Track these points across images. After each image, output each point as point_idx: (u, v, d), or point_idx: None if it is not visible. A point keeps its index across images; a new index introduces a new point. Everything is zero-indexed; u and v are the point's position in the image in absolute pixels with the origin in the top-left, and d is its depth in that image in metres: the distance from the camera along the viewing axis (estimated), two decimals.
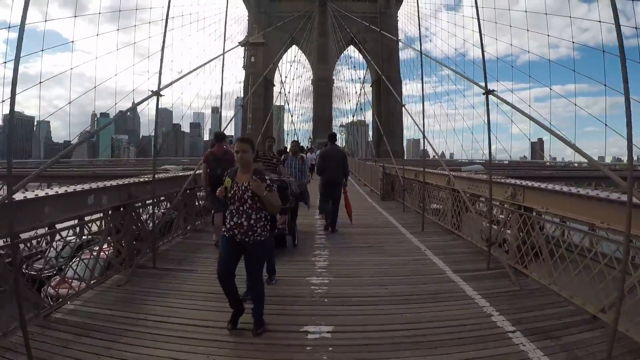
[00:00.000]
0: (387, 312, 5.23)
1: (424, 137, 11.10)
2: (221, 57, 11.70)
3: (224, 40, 12.36)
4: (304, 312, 5.24)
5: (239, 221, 4.51)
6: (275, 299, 5.49)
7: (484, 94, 6.83)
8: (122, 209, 7.07)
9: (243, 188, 4.54)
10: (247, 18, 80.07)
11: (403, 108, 16.26)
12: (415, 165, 16.77)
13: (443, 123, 63.69)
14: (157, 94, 7.23)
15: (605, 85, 22.99)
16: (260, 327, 4.60)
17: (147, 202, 8.33)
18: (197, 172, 9.65)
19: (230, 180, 4.62)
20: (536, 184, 6.60)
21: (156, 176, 8.30)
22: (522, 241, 6.74)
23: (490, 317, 4.99)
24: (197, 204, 11.18)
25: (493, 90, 6.81)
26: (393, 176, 16.98)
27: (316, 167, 11.21)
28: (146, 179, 8.19)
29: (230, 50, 12.68)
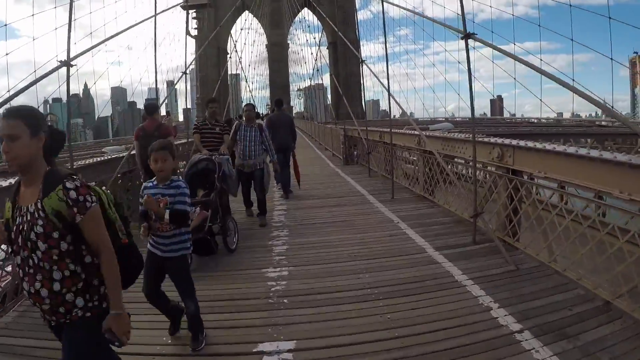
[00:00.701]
0: (364, 313, 4.15)
1: (389, 94, 9.77)
2: (156, 20, 10.42)
3: None
4: (258, 321, 4.10)
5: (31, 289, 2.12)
6: (223, 303, 4.46)
7: (462, 38, 5.77)
8: None
9: (28, 217, 2.10)
10: None
11: (361, 68, 15.15)
12: (379, 125, 15.82)
13: (403, 83, 62.93)
14: (66, 64, 5.89)
15: (572, 40, 22.36)
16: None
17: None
18: (132, 152, 8.46)
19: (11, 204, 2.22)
20: (529, 144, 5.56)
21: (86, 161, 8.00)
22: (513, 210, 5.79)
23: (490, 312, 4.01)
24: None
25: (473, 34, 5.74)
26: (356, 139, 15.94)
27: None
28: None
29: (164, 11, 10.96)
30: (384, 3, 9.87)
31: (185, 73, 12.20)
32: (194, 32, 15.53)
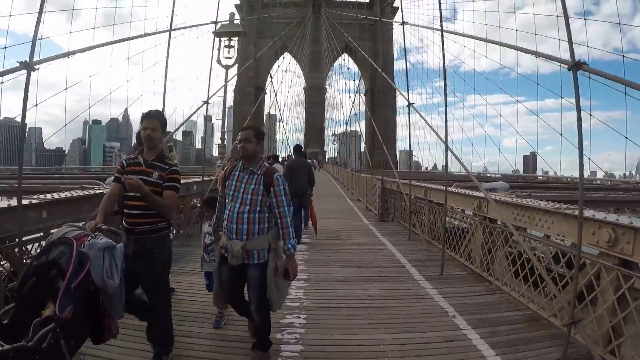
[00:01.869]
0: None
1: (447, 147, 7.78)
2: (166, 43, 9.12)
3: (171, 19, 9.25)
4: None
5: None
6: None
7: (569, 68, 4.05)
8: None
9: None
10: (240, 23, 77.64)
11: (397, 118, 14.09)
12: (419, 178, 14.04)
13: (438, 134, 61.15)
14: (29, 66, 4.25)
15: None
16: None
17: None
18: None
19: None
20: None
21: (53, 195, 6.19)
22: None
23: None
24: None
25: (583, 62, 4.00)
26: (393, 192, 14.26)
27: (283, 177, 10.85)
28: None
29: (189, 28, 10.11)
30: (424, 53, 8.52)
31: (207, 102, 10.94)
32: (226, 62, 14.66)
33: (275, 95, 64.82)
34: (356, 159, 77.07)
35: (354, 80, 70.09)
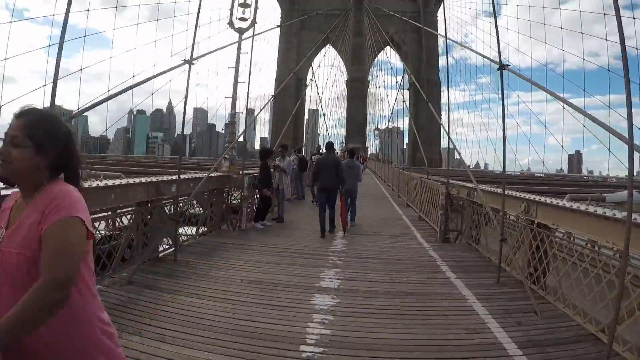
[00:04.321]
0: None
1: (504, 143, 5.75)
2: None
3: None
4: None
5: None
6: None
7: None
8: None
9: None
10: (280, 15, 76.08)
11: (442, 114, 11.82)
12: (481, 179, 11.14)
13: (481, 131, 58.36)
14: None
15: None
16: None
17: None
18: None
19: None
20: None
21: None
22: None
23: None
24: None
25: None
26: (464, 203, 11.05)
27: (312, 174, 12.96)
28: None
29: None
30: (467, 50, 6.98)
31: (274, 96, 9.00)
32: (239, 24, 12.64)
33: (317, 89, 62.92)
34: (398, 155, 74.65)
35: (397, 77, 67.28)
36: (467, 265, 8.49)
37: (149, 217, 7.77)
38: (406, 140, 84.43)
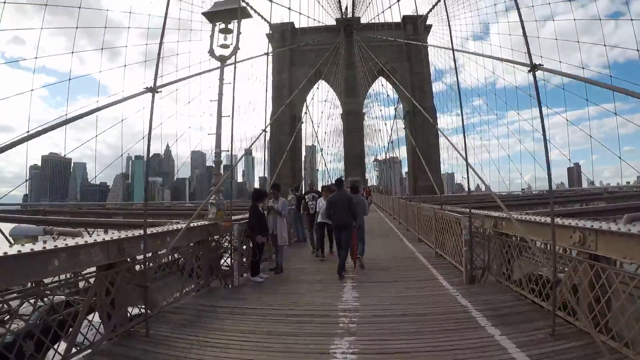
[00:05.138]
0: None
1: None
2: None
3: None
4: None
5: None
6: None
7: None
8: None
9: None
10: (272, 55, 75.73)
11: (440, 140, 11.36)
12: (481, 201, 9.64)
13: (478, 154, 57.58)
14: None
15: None
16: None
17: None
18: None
19: None
20: None
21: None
22: None
23: None
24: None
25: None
26: (486, 232, 9.65)
27: (325, 213, 12.38)
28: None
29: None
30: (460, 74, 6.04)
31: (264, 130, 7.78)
32: (221, 51, 11.57)
33: (313, 125, 62.13)
34: (398, 184, 73.96)
35: (393, 106, 66.96)
36: (507, 314, 6.90)
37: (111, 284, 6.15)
38: (405, 169, 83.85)
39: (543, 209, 24.24)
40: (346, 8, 77.18)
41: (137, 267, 6.93)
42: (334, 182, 15.02)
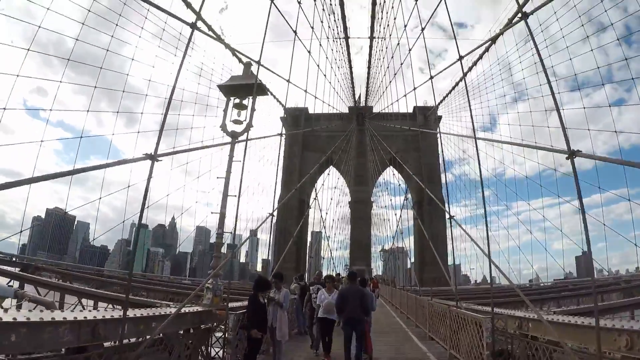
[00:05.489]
0: None
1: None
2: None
3: None
4: None
5: None
6: None
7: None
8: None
9: None
10: (284, 137, 77.06)
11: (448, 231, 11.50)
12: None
13: (491, 244, 56.21)
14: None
15: None
16: None
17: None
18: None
19: None
20: None
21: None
22: None
23: None
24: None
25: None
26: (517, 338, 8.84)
27: (336, 306, 11.40)
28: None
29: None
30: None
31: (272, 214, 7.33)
32: (233, 127, 11.28)
33: (321, 212, 61.73)
34: (403, 275, 72.71)
35: (402, 196, 66.88)
36: None
37: None
38: (411, 259, 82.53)
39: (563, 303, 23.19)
40: (359, 97, 78.91)
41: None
42: (338, 272, 14.33)
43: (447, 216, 17.56)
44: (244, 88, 11.26)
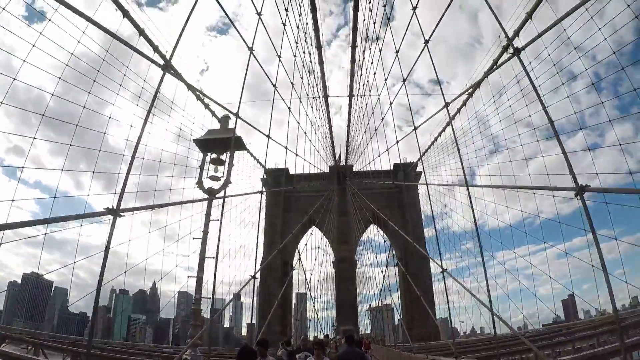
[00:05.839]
0: None
1: None
2: None
3: None
4: None
5: None
6: None
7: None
8: None
9: None
10: (265, 199, 77.25)
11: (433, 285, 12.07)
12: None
13: (468, 297, 55.99)
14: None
15: None
16: None
17: None
18: None
19: None
20: None
21: None
22: None
23: None
24: None
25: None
26: None
27: None
28: None
29: None
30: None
31: (254, 277, 7.03)
32: (210, 183, 11.15)
33: (305, 273, 61.38)
34: (392, 332, 71.91)
35: (386, 253, 66.90)
36: None
37: None
38: (398, 316, 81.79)
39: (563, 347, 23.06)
40: (339, 156, 79.87)
41: None
42: (326, 334, 14.29)
43: (440, 270, 17.30)
44: (221, 142, 10.92)
